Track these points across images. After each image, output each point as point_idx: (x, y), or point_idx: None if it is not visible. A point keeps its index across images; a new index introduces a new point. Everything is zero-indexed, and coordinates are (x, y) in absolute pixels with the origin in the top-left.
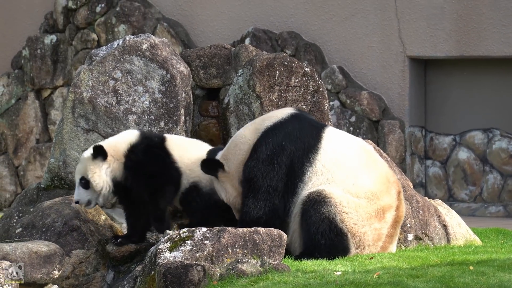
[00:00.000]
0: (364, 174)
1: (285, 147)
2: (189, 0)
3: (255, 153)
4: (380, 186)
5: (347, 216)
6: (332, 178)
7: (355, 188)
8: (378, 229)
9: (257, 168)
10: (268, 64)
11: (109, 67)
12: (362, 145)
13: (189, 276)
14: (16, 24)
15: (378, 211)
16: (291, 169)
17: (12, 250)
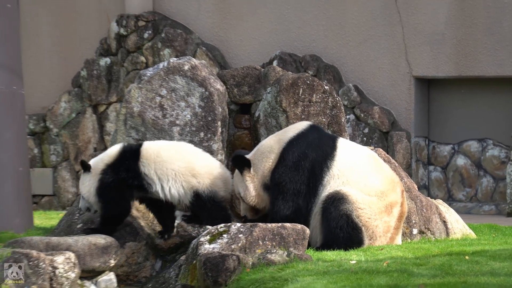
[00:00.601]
0: (373, 176)
1: (308, 155)
2: (224, 27)
3: (283, 161)
4: (387, 185)
5: (362, 211)
6: (347, 180)
7: (367, 188)
8: (387, 222)
9: (285, 174)
10: (293, 82)
11: (155, 85)
12: (369, 152)
13: (226, 265)
14: (75, 49)
15: (387, 206)
16: (312, 173)
17: (74, 243)
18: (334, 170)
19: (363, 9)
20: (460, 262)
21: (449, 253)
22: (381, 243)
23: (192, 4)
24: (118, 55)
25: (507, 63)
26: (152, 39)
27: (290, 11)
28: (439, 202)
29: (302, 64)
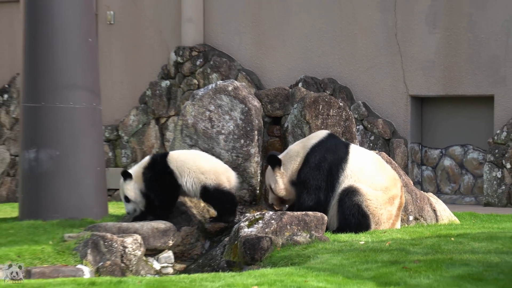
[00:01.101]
0: (378, 175)
1: (327, 158)
2: (260, 56)
3: (307, 163)
4: (390, 182)
5: (370, 202)
6: (358, 179)
7: (374, 184)
8: (390, 210)
9: (309, 173)
10: (314, 100)
11: (205, 102)
12: (375, 155)
13: (261, 244)
14: (142, 73)
15: (389, 198)
16: (330, 173)
17: (140, 227)
18: (347, 171)
19: (370, 42)
20: (447, 242)
21: (438, 236)
22: (384, 228)
23: (235, 38)
24: (176, 78)
25: (484, 85)
26: (203, 66)
27: (312, 44)
28: (430, 195)
29: (322, 86)
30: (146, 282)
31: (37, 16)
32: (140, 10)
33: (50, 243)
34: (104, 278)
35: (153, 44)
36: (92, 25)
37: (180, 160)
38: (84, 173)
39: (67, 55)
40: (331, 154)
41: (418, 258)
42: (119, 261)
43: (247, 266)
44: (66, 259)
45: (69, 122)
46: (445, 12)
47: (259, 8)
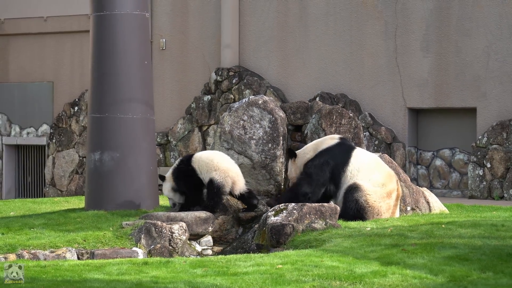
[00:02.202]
0: (376, 173)
1: (329, 163)
2: (284, 75)
3: (313, 162)
4: (386, 179)
5: (370, 196)
6: (357, 178)
7: (372, 181)
8: (388, 203)
9: (312, 168)
10: (329, 112)
11: (240, 113)
12: (374, 156)
13: (285, 230)
14: (188, 89)
15: (387, 193)
16: (333, 174)
17: (185, 216)
18: (348, 172)
19: (375, 64)
20: (438, 229)
21: (431, 223)
22: (385, 217)
23: (264, 61)
24: (216, 94)
25: (468, 99)
26: (238, 84)
27: (327, 65)
28: (424, 189)
29: (335, 100)
30: (190, 262)
31: (103, 43)
32: (187, 38)
33: (111, 229)
34: (155, 259)
35: (197, 65)
36: (148, 50)
37: (201, 160)
38: (140, 172)
39: (127, 75)
40: (334, 160)
41: (414, 242)
42: (167, 244)
43: (273, 248)
44: (123, 243)
45: (128, 130)
46: (436, 39)
47: (284, 36)
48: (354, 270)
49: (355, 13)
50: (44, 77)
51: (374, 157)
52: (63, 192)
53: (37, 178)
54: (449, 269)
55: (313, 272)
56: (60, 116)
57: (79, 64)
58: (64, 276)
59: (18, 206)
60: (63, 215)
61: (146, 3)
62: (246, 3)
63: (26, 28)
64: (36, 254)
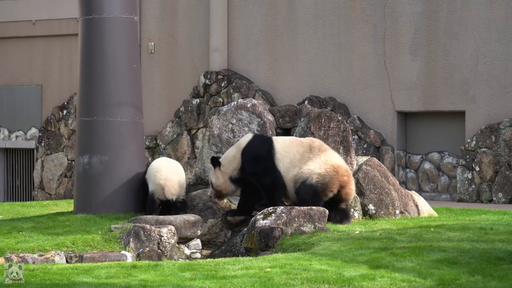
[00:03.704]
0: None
1: (259, 151)
2: (273, 79)
3: (245, 161)
4: (304, 148)
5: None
6: (284, 160)
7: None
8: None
9: (252, 166)
10: (318, 115)
11: (229, 116)
12: (292, 138)
13: (273, 234)
14: (177, 92)
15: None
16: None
17: (174, 219)
18: (277, 155)
19: (363, 67)
20: (427, 232)
21: (420, 226)
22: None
23: (253, 64)
24: (205, 97)
25: (457, 102)
26: (227, 87)
27: (316, 69)
28: (413, 192)
29: (324, 103)
30: (179, 265)
31: (91, 46)
32: (175, 41)
33: (99, 233)
34: (143, 262)
35: (186, 69)
36: (137, 54)
37: (149, 171)
38: (128, 175)
39: (115, 78)
40: (259, 149)
41: (403, 245)
42: (156, 248)
43: (262, 252)
44: (112, 246)
45: (116, 133)
46: (425, 43)
47: (273, 40)
48: (342, 273)
49: (344, 17)
50: (33, 81)
51: (292, 138)
52: (52, 196)
53: (26, 181)
54: (437, 273)
55: (302, 276)
56: (49, 119)
57: (68, 67)
58: (53, 279)
59: (7, 210)
60: (51, 218)
61: (135, 7)
62: (235, 6)
63: (14, 32)
64: (24, 257)
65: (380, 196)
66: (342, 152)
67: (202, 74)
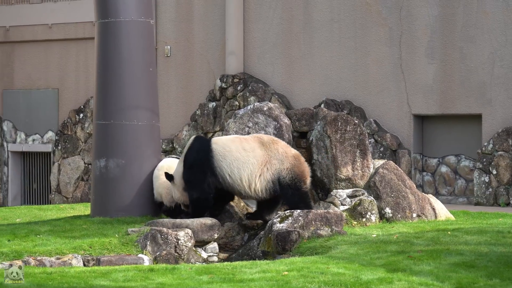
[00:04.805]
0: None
1: (196, 158)
2: (289, 82)
3: (184, 168)
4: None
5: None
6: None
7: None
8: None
9: (187, 175)
10: (334, 118)
11: (245, 120)
12: (232, 137)
13: (290, 237)
14: (193, 96)
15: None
16: (205, 167)
17: (191, 222)
18: (216, 157)
19: (380, 71)
20: (444, 235)
21: (437, 230)
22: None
23: (269, 68)
24: (221, 100)
25: (473, 106)
26: (243, 91)
27: (332, 72)
28: (430, 196)
29: (340, 106)
30: (196, 268)
31: (108, 50)
32: (191, 45)
33: (116, 236)
34: (161, 265)
35: (202, 72)
36: (153, 57)
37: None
38: (145, 178)
39: (131, 82)
40: (197, 154)
41: (420, 249)
42: (173, 251)
43: (279, 255)
44: (129, 250)
45: (133, 137)
46: (441, 46)
47: (288, 43)
48: (360, 277)
49: (360, 20)
50: (49, 84)
51: (233, 137)
52: (68, 199)
53: (43, 185)
54: (455, 276)
55: (319, 279)
56: (65, 123)
57: (84, 71)
58: (70, 282)
59: (24, 213)
60: (69, 222)
61: (151, 10)
62: (251, 10)
63: (31, 35)
64: (42, 260)
65: (397, 199)
66: (359, 155)
67: (218, 77)
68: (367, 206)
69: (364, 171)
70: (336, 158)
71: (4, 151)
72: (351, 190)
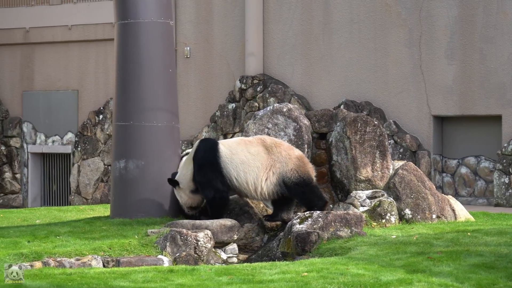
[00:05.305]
0: (245, 149)
1: (204, 158)
2: (309, 83)
3: (195, 170)
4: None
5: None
6: (232, 159)
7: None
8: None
9: (199, 176)
10: (354, 119)
11: (264, 121)
12: (238, 140)
13: (310, 238)
14: (212, 97)
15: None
16: (213, 167)
17: (210, 224)
18: (223, 158)
19: (399, 72)
20: (464, 237)
21: (457, 231)
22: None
23: (288, 69)
24: (240, 102)
25: (493, 107)
26: (262, 92)
27: (352, 73)
28: (449, 197)
29: (360, 107)
30: (215, 270)
31: (127, 51)
32: (211, 46)
33: (136, 237)
34: (180, 266)
35: (222, 73)
36: (172, 59)
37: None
38: (164, 180)
39: (151, 83)
40: (206, 154)
41: (440, 250)
42: (192, 252)
43: (299, 256)
44: (149, 251)
45: (152, 138)
46: (461, 47)
47: (308, 44)
48: (379, 278)
49: (379, 21)
50: (69, 85)
51: (238, 140)
52: (88, 200)
53: (63, 186)
54: (475, 277)
55: (339, 280)
56: (85, 124)
57: (103, 72)
58: (90, 284)
59: (44, 214)
60: (88, 223)
61: (171, 11)
62: (270, 11)
63: (50, 37)
64: (62, 262)
65: (417, 200)
66: (378, 156)
67: (237, 78)
68: (386, 207)
69: (384, 172)
70: (356, 159)
71: (24, 153)
72: (371, 191)
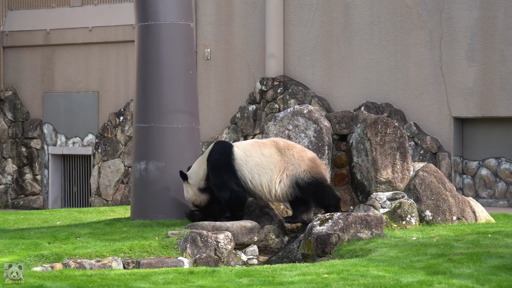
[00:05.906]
0: (259, 152)
1: (218, 160)
2: (329, 85)
3: (209, 171)
4: (273, 150)
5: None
6: (246, 162)
7: (258, 156)
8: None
9: (214, 177)
10: (374, 121)
11: (285, 123)
12: (252, 141)
13: (330, 240)
14: (233, 99)
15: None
16: (227, 168)
17: (231, 225)
18: (237, 160)
19: (420, 73)
20: (485, 238)
21: (477, 233)
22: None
23: (309, 70)
24: (261, 103)
25: None
26: (283, 93)
27: (372, 75)
28: (470, 199)
29: (380, 109)
30: (236, 271)
31: (147, 53)
32: (231, 47)
33: (156, 239)
34: (201, 268)
35: (242, 75)
36: (193, 60)
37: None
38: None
39: (172, 85)
40: (218, 156)
41: (460, 252)
42: (213, 254)
43: (319, 258)
44: (169, 252)
45: (173, 139)
46: (481, 48)
47: (328, 46)
48: (400, 279)
49: (400, 23)
50: (90, 87)
51: (252, 142)
52: (108, 202)
53: (83, 187)
54: (495, 279)
55: (359, 282)
56: (106, 126)
57: (124, 74)
58: (110, 285)
59: (64, 216)
60: (109, 224)
61: (191, 13)
62: (291, 13)
63: (71, 39)
64: (82, 263)
65: (437, 202)
66: (399, 158)
67: (258, 80)
68: (407, 209)
69: (404, 173)
70: (376, 161)
71: (44, 154)
72: (391, 193)
